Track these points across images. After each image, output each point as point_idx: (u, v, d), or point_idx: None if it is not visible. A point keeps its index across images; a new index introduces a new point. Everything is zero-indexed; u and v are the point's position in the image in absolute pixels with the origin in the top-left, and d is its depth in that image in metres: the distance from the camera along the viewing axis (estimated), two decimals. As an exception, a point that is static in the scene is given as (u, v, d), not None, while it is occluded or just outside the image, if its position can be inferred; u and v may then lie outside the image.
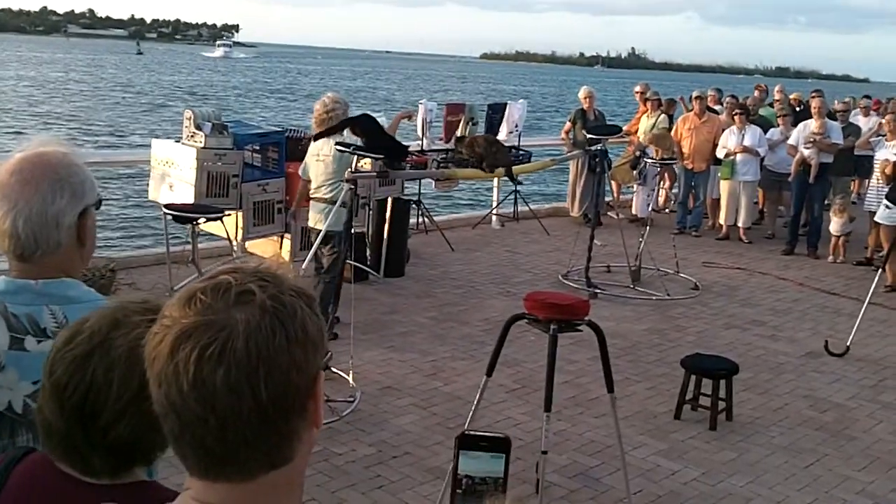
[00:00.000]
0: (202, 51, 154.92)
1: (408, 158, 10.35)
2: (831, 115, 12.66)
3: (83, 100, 47.07)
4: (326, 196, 7.71)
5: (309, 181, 7.85)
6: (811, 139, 11.75)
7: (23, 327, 1.99)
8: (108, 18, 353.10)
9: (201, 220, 7.90)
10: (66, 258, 2.06)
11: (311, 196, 7.88)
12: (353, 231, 7.61)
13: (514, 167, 8.56)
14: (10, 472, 1.62)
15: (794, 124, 12.66)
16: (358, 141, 7.35)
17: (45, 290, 2.02)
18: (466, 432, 1.55)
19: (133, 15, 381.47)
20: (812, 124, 11.90)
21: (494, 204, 13.23)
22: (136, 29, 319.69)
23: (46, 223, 2.01)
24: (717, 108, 13.86)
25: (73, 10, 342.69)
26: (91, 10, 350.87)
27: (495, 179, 12.80)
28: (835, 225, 11.92)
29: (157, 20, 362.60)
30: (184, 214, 7.81)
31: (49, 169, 2.03)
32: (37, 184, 2.01)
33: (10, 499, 1.61)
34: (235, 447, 1.18)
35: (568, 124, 13.51)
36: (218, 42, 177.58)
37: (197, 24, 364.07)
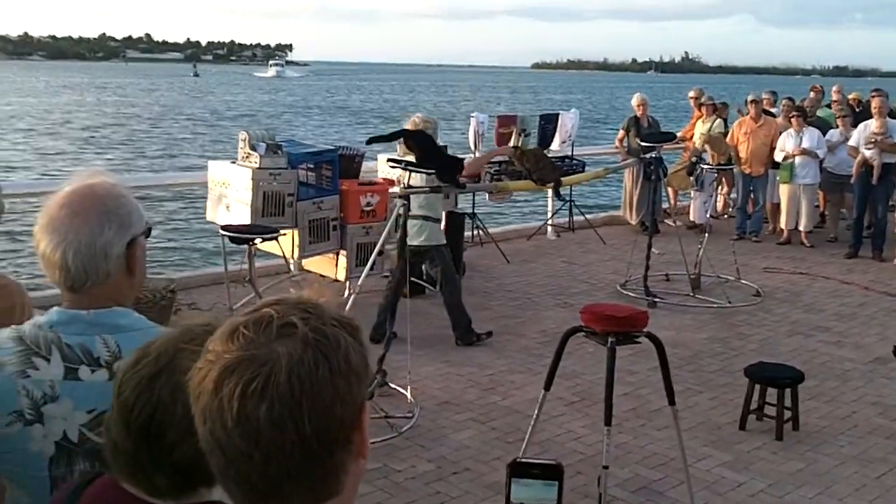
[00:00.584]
0: (255, 71, 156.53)
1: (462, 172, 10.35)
2: (892, 115, 12.39)
3: (138, 123, 47.75)
4: (418, 212, 7.85)
5: None
6: (872, 139, 11.52)
7: (76, 357, 2.01)
8: (164, 42, 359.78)
9: (257, 241, 7.94)
10: (115, 288, 2.09)
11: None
12: (406, 246, 7.61)
13: (567, 177, 8.54)
14: (80, 495, 1.64)
15: (854, 125, 12.43)
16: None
17: (97, 320, 2.05)
18: (518, 459, 1.52)
19: (189, 38, 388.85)
20: (872, 124, 11.67)
21: (549, 215, 13.16)
22: (193, 52, 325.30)
23: (95, 255, 2.03)
24: (772, 110, 13.66)
25: (130, 36, 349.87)
26: (148, 35, 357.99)
27: (549, 190, 12.75)
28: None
29: (213, 42, 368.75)
30: (240, 235, 7.86)
31: (97, 201, 2.06)
32: (85, 216, 2.03)
33: None
34: (279, 482, 1.17)
35: (622, 132, 13.41)
36: (270, 62, 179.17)
37: (251, 45, 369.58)
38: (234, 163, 8.84)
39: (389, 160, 7.95)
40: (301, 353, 1.15)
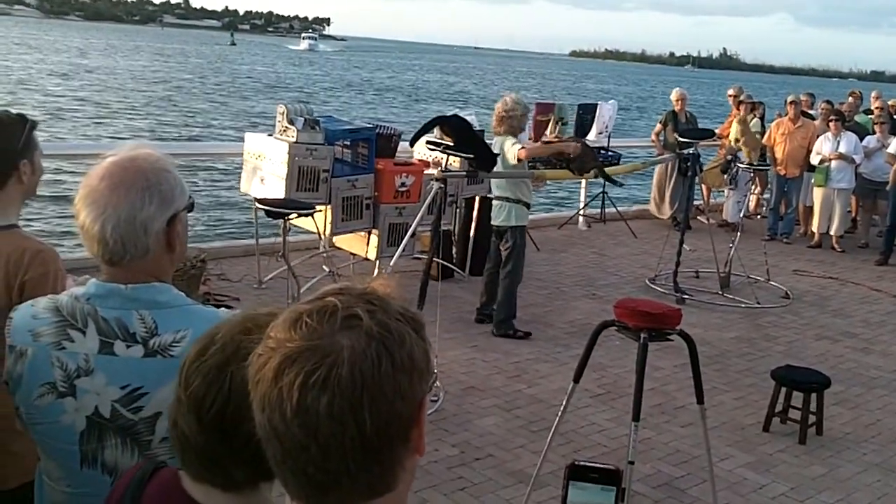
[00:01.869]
0: (289, 43, 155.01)
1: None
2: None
3: (155, 88, 47.29)
4: (499, 193, 8.02)
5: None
6: (910, 147, 11.43)
7: (112, 331, 1.97)
8: (202, 9, 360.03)
9: (293, 216, 7.97)
10: (155, 263, 2.05)
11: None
12: (440, 229, 7.65)
13: (606, 168, 8.53)
14: (141, 493, 1.61)
15: (892, 132, 12.33)
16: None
17: (135, 295, 2.01)
18: (577, 462, 1.52)
19: (227, 6, 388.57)
20: (912, 132, 11.58)
21: (581, 205, 13.14)
22: (230, 20, 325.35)
23: (135, 229, 1.99)
24: (810, 112, 13.56)
25: (168, 1, 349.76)
26: (186, 1, 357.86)
27: (583, 181, 12.71)
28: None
29: (251, 12, 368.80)
30: (277, 210, 7.87)
31: (139, 174, 2.02)
32: (126, 190, 1.99)
33: None
34: (337, 476, 1.16)
35: (658, 126, 13.36)
36: (303, 35, 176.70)
37: (289, 16, 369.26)
38: (270, 135, 8.87)
39: (428, 142, 7.93)
40: (365, 346, 1.14)
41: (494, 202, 8.11)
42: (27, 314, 2.03)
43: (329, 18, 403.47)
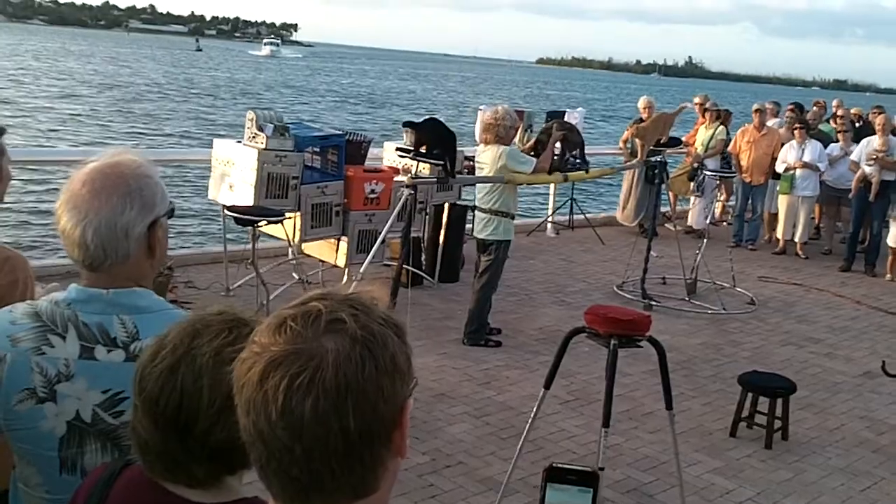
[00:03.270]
0: (254, 49, 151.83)
1: (465, 164, 10.39)
2: (893, 132, 12.46)
3: (105, 92, 46.46)
4: (485, 206, 7.96)
5: None
6: (874, 156, 11.60)
7: (93, 336, 1.99)
8: (168, 15, 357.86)
9: (262, 223, 7.94)
10: (135, 268, 2.06)
11: (477, 204, 8.22)
12: (411, 236, 7.65)
13: (573, 174, 8.60)
14: (110, 487, 1.64)
15: (855, 140, 12.50)
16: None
17: (116, 300, 2.02)
18: (555, 465, 1.55)
19: (193, 12, 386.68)
20: (875, 141, 11.74)
21: (550, 212, 13.20)
22: (196, 25, 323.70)
23: (115, 235, 2.01)
24: (774, 121, 13.71)
25: (134, 6, 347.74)
26: (152, 6, 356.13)
27: (551, 187, 12.78)
28: (893, 237, 11.71)
29: (217, 17, 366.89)
30: (246, 217, 7.85)
31: (120, 180, 2.03)
32: (107, 195, 2.01)
33: None
34: (320, 477, 1.18)
35: (626, 133, 13.45)
36: (265, 40, 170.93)
37: (256, 22, 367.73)
38: (239, 142, 8.84)
39: (398, 149, 7.95)
40: (349, 349, 1.15)
41: (480, 214, 8.06)
42: (5, 320, 2.02)
43: (296, 24, 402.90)
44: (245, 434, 1.21)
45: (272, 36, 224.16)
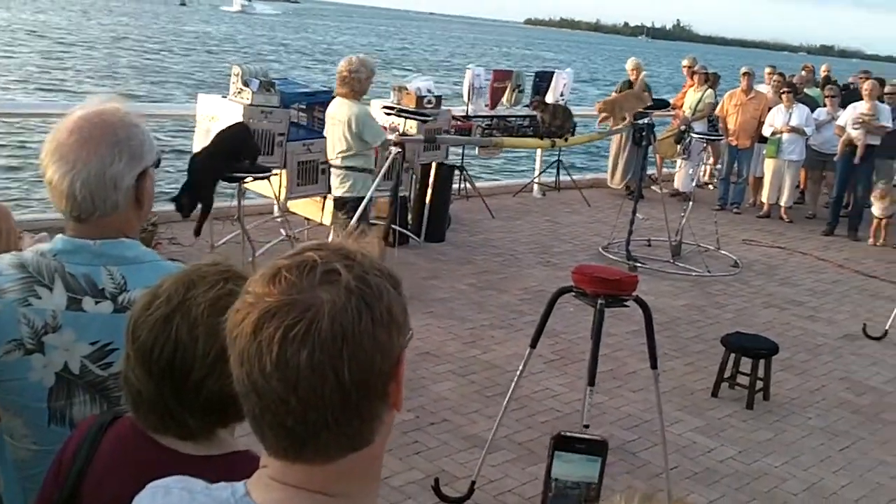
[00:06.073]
0: (223, 5, 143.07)
1: (452, 123, 10.37)
2: (879, 98, 12.48)
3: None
4: (340, 163, 7.56)
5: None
6: (860, 120, 11.62)
7: (80, 287, 1.97)
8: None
9: (248, 179, 7.90)
10: (123, 219, 2.04)
11: (329, 160, 7.76)
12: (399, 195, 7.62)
13: (558, 140, 8.58)
14: (100, 438, 1.64)
15: (842, 105, 12.52)
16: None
17: (103, 251, 2.01)
18: (563, 433, 1.52)
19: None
20: (862, 105, 11.76)
21: (536, 173, 13.19)
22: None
23: (104, 185, 1.98)
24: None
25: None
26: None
27: (538, 150, 12.75)
28: (877, 208, 11.82)
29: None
30: (233, 175, 7.78)
31: (108, 129, 2.00)
32: (95, 145, 1.97)
33: (103, 464, 1.62)
34: (316, 429, 1.16)
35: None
36: None
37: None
38: (224, 97, 8.77)
39: (384, 107, 7.90)
40: (345, 300, 1.14)
41: (336, 171, 7.62)
42: None
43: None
44: (238, 385, 1.19)
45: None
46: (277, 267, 1.18)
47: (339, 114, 7.46)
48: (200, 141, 8.88)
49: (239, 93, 8.47)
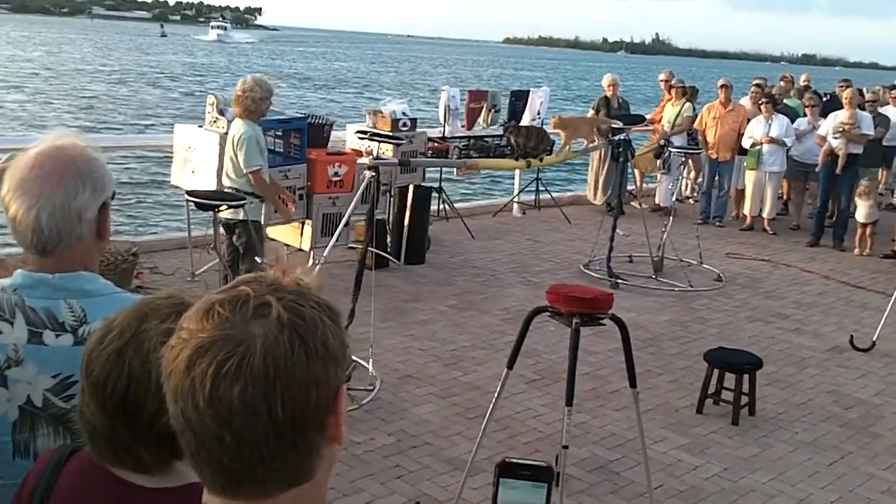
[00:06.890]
0: (199, 34, 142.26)
1: (429, 145, 10.34)
2: (860, 106, 12.50)
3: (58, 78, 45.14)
4: (228, 183, 7.52)
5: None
6: (841, 128, 11.61)
7: (41, 321, 1.99)
8: (132, 0, 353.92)
9: (223, 208, 7.83)
10: (84, 251, 2.07)
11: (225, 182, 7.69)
12: (375, 218, 7.56)
13: (533, 160, 8.50)
14: (58, 473, 1.62)
15: (823, 114, 12.52)
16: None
17: (63, 284, 2.02)
18: (507, 460, 1.49)
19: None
20: (843, 114, 11.76)
21: (516, 192, 13.16)
22: (160, 11, 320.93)
23: (70, 217, 2.01)
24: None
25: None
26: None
27: (518, 170, 12.71)
28: (861, 210, 11.74)
29: (181, 2, 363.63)
30: (206, 202, 7.71)
31: (69, 163, 2.03)
32: (59, 178, 2.00)
33: (61, 499, 1.61)
34: (252, 465, 1.14)
35: (591, 112, 13.40)
36: (212, 24, 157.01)
37: (220, 6, 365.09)
38: (200, 127, 8.74)
39: (358, 131, 7.86)
40: (277, 334, 1.12)
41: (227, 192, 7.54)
42: None
43: (260, 8, 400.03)
44: (174, 422, 1.17)
45: (221, 19, 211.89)
46: (211, 302, 1.17)
47: (230, 133, 7.43)
48: (178, 171, 8.83)
49: (214, 121, 8.43)
